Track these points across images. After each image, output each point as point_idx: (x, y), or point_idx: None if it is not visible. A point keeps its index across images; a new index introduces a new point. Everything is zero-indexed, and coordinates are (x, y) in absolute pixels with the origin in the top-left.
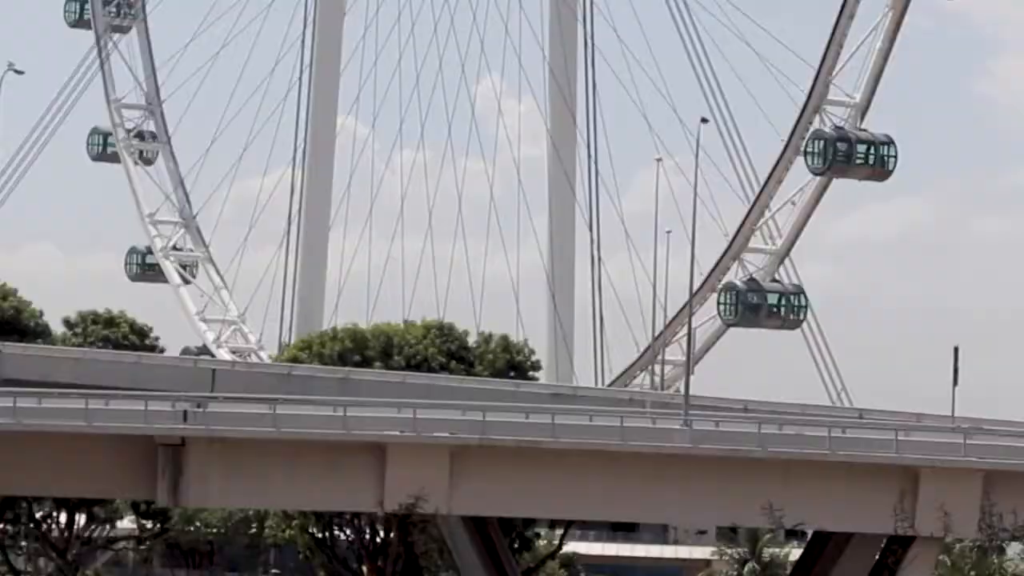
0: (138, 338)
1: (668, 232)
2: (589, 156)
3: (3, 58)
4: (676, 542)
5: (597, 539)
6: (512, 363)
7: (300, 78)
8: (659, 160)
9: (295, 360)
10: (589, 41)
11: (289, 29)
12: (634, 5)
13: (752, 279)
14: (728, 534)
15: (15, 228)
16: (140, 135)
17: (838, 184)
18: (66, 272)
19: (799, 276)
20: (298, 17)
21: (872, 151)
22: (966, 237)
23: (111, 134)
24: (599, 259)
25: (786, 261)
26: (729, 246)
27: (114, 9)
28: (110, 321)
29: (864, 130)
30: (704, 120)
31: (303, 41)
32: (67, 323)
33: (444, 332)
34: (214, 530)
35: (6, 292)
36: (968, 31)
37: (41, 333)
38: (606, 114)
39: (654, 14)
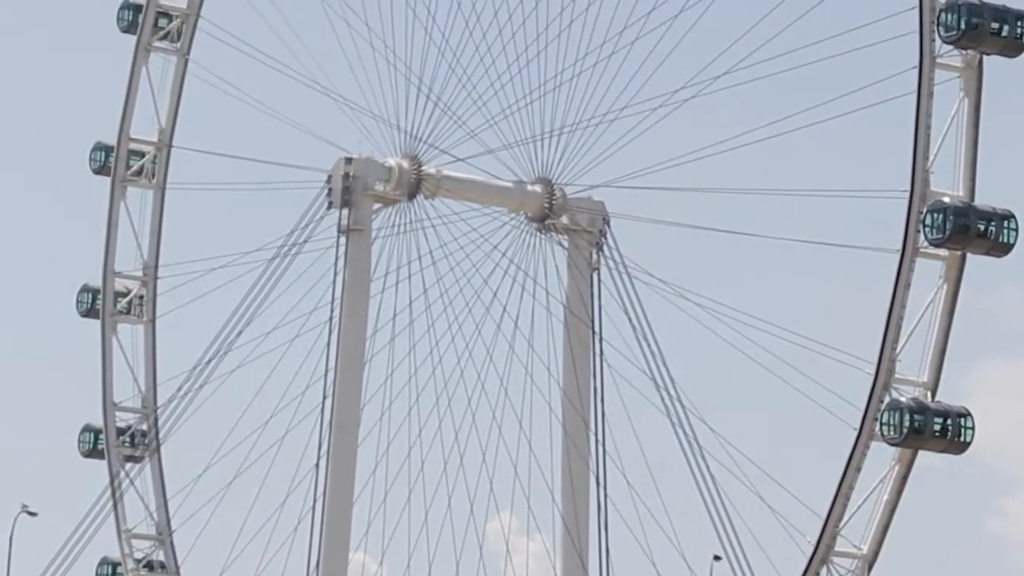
0: None
1: None
2: None
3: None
4: None
5: None
6: None
7: (313, 508)
8: None
9: None
10: (601, 494)
11: (303, 459)
12: (643, 447)
13: None
14: None
15: None
16: (149, 565)
17: None
18: None
19: None
20: (312, 445)
21: None
22: None
23: (120, 564)
24: None
25: None
26: None
27: (128, 439)
28: None
29: None
30: (717, 557)
31: (316, 470)
32: None
33: None
34: None
35: None
36: (981, 469)
37: None
38: (614, 551)
39: (664, 454)
